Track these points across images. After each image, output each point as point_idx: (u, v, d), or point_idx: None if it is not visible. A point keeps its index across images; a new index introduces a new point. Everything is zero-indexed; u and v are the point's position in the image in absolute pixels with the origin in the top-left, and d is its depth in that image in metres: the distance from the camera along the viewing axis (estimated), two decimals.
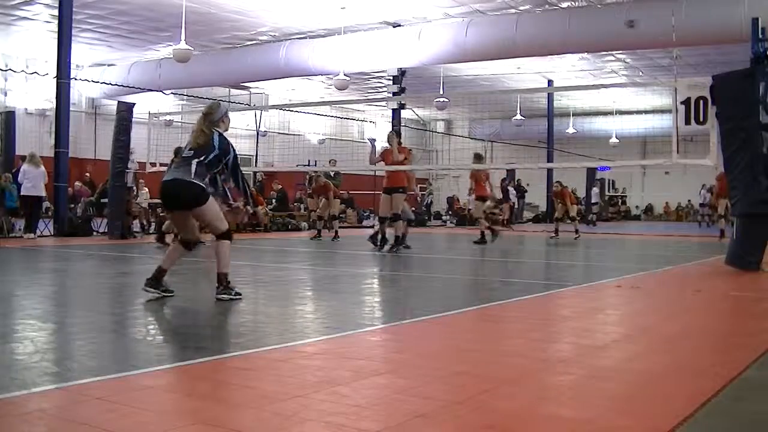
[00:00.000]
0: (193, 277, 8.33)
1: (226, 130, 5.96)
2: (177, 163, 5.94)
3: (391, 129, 12.67)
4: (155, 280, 5.74)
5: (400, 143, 11.76)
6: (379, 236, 11.47)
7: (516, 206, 25.50)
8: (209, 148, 5.69)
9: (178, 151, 10.10)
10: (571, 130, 29.52)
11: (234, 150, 5.89)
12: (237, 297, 5.74)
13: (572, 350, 4.15)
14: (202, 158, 5.64)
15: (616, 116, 30.34)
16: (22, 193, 13.25)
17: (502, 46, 16.49)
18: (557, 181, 17.82)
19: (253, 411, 2.76)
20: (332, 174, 18.05)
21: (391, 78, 20.79)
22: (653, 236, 15.87)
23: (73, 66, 16.27)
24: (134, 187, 14.61)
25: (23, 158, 13.90)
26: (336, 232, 14.84)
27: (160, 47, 21.06)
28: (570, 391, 3.21)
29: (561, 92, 28.03)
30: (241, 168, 6.09)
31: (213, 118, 5.84)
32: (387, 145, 11.61)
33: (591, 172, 28.81)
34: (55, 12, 15.38)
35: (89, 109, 24.25)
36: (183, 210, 5.73)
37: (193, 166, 5.58)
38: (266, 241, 14.39)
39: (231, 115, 6.19)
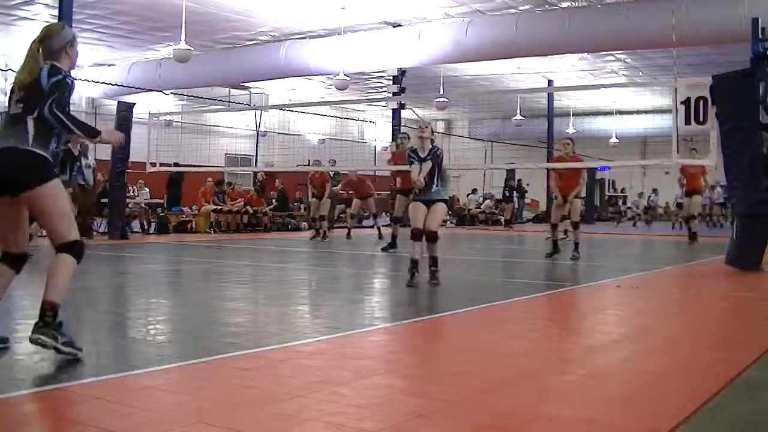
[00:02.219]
0: (192, 277, 8.33)
1: (72, 67, 3.94)
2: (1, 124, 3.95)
3: (402, 132, 12.73)
4: (44, 321, 3.55)
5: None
6: (392, 237, 11.48)
7: (516, 206, 25.50)
8: (39, 92, 3.68)
9: None
10: (571, 130, 29.49)
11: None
12: (65, 349, 3.50)
13: (572, 350, 4.15)
14: (36, 112, 3.65)
15: (616, 116, 30.32)
16: None
17: (502, 46, 16.48)
18: None
19: (253, 411, 2.76)
20: (332, 174, 18.03)
21: (391, 78, 20.77)
22: (653, 236, 15.88)
23: None
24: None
25: None
26: (324, 232, 14.73)
27: (160, 47, 21.05)
28: (570, 391, 3.21)
29: (561, 92, 28.00)
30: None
31: (52, 44, 3.85)
32: (393, 147, 11.71)
33: (591, 171, 28.79)
34: (55, 12, 15.36)
35: (89, 109, 24.24)
36: (11, 197, 3.64)
37: (30, 126, 3.67)
38: (266, 241, 14.39)
39: (231, 115, 5.93)
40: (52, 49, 3.85)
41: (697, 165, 12.54)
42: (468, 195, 26.70)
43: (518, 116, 26.90)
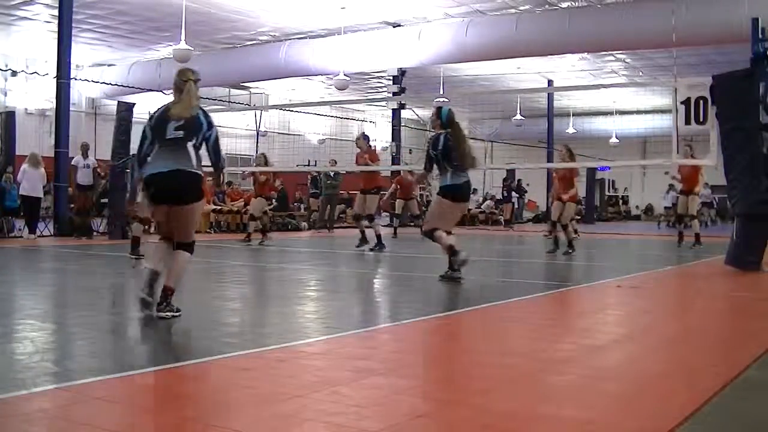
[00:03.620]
0: (192, 277, 8.33)
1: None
2: (166, 148, 4.77)
3: (361, 132, 12.88)
4: (166, 302, 4.70)
5: (370, 147, 12.09)
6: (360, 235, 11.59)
7: (516, 206, 25.50)
8: (199, 125, 4.81)
9: None
10: (571, 130, 29.51)
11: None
12: (178, 314, 4.69)
13: (572, 350, 4.15)
14: (194, 140, 4.74)
15: (616, 116, 30.33)
16: (20, 193, 13.24)
17: (502, 46, 16.48)
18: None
19: (253, 411, 2.76)
20: (332, 174, 18.02)
21: (391, 78, 20.78)
22: (653, 236, 15.89)
23: (73, 66, 16.26)
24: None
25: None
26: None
27: (160, 47, 21.06)
28: (570, 391, 3.21)
29: (561, 92, 28.01)
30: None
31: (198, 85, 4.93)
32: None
33: (591, 172, 28.79)
34: (55, 12, 15.37)
35: (89, 109, 24.24)
36: (169, 206, 4.73)
37: (192, 152, 4.73)
38: (266, 241, 14.38)
39: (231, 115, 6.00)
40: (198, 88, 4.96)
41: (693, 164, 12.54)
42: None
43: (518, 116, 26.90)
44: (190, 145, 4.73)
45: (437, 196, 7.23)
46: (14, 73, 20.51)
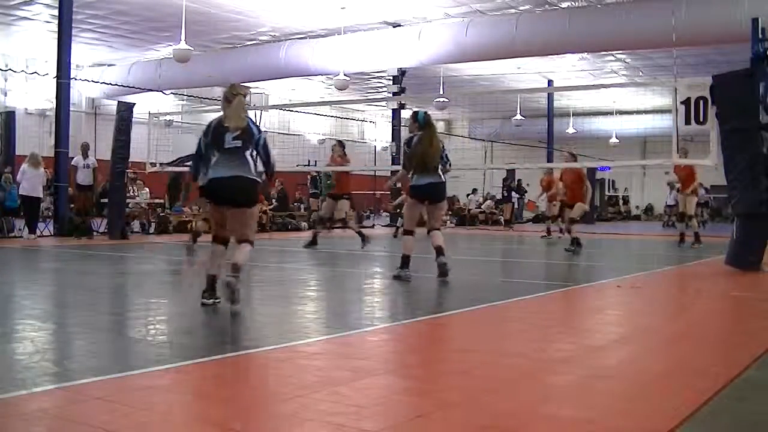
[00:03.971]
0: (192, 277, 8.33)
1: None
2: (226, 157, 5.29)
3: (336, 141, 13.07)
4: (211, 290, 5.35)
5: (344, 154, 12.40)
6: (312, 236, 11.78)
7: (516, 206, 25.50)
8: (251, 134, 5.39)
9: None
10: (571, 130, 29.51)
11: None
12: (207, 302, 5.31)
13: (572, 350, 4.15)
14: (250, 148, 5.34)
15: (616, 116, 30.34)
16: (20, 193, 13.24)
17: (502, 46, 16.49)
18: (549, 170, 17.66)
19: (253, 411, 2.76)
20: (330, 174, 17.98)
21: (391, 78, 20.78)
22: (653, 236, 15.89)
23: (73, 66, 16.26)
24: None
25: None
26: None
27: (160, 47, 21.07)
28: (570, 391, 3.21)
29: (561, 92, 28.02)
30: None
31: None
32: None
33: (591, 172, 28.78)
34: (55, 12, 15.37)
35: (89, 109, 24.24)
36: (229, 208, 5.31)
37: (249, 160, 5.31)
38: (266, 241, 14.39)
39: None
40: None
41: (690, 165, 12.66)
42: (468, 195, 26.70)
43: (518, 116, 26.90)
44: (247, 153, 5.28)
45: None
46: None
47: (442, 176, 7.31)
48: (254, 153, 5.35)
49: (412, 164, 7.19)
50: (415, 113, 7.46)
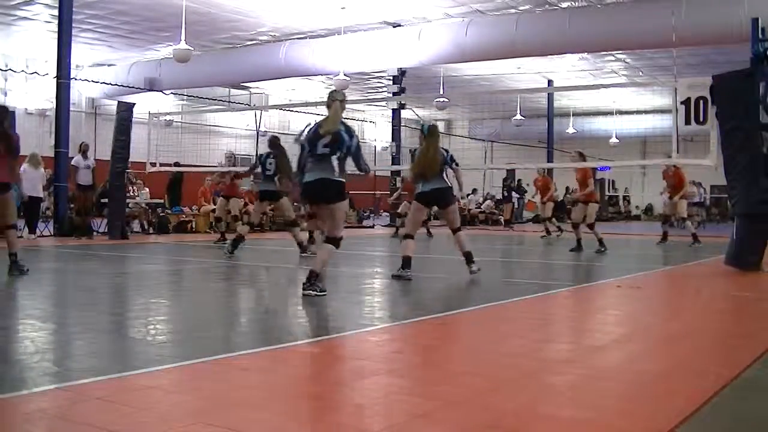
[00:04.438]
0: (192, 277, 8.33)
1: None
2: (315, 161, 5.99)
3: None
4: (310, 282, 5.84)
5: None
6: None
7: (516, 206, 25.52)
8: (341, 140, 5.94)
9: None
10: (571, 130, 29.51)
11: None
12: (322, 294, 5.84)
13: (572, 350, 4.15)
14: (338, 154, 5.93)
15: (616, 116, 30.32)
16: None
17: (502, 46, 16.48)
18: (543, 171, 17.78)
19: (253, 411, 2.76)
20: None
21: (391, 78, 20.78)
22: (654, 236, 15.88)
23: (73, 66, 16.26)
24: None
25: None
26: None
27: (160, 47, 21.06)
28: (570, 391, 3.21)
29: (561, 92, 28.01)
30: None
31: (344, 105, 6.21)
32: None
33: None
34: (55, 12, 15.37)
35: (89, 109, 24.24)
36: (322, 205, 6.10)
37: (335, 164, 5.91)
38: (266, 241, 14.39)
39: (231, 115, 6.23)
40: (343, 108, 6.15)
41: (678, 171, 12.96)
42: (468, 195, 26.70)
43: (518, 116, 26.90)
44: (333, 158, 5.91)
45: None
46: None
47: (448, 180, 7.62)
48: (341, 157, 5.95)
49: (413, 173, 7.64)
50: (422, 126, 7.88)
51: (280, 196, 10.28)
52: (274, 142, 10.58)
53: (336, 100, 6.13)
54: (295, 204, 11.51)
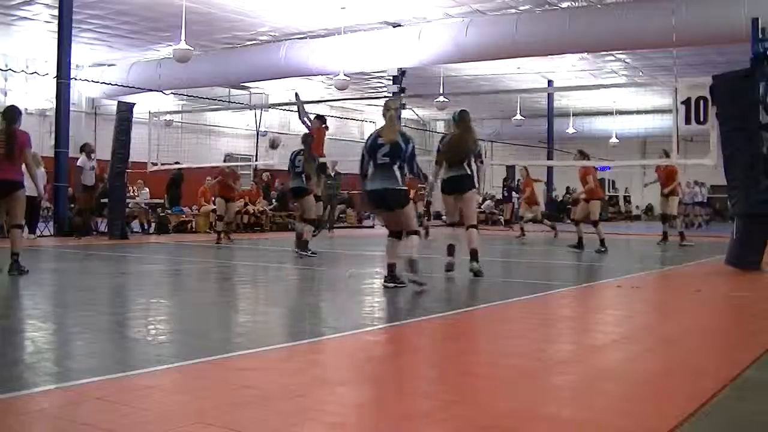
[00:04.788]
0: (192, 277, 8.33)
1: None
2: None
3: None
4: (391, 276, 6.41)
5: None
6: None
7: (516, 206, 25.51)
8: (400, 149, 6.31)
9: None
10: (571, 130, 29.50)
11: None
12: (423, 286, 6.30)
13: (572, 350, 4.15)
14: (397, 162, 6.29)
15: (616, 116, 30.32)
16: None
17: (502, 46, 16.48)
18: (524, 167, 17.76)
19: (253, 411, 2.76)
20: (332, 174, 18.00)
21: (391, 78, 20.77)
22: (653, 236, 15.87)
23: (73, 66, 16.26)
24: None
25: None
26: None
27: (160, 47, 21.05)
28: (570, 391, 3.21)
29: (561, 92, 28.01)
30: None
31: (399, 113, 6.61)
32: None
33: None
34: (55, 12, 15.37)
35: (89, 109, 24.23)
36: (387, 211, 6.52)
37: (397, 172, 6.29)
38: (266, 241, 14.40)
39: (231, 115, 6.26)
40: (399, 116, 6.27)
41: (671, 166, 13.00)
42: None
43: (518, 116, 26.89)
44: (395, 167, 6.26)
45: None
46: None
47: (468, 169, 7.59)
48: (401, 165, 6.30)
49: (440, 157, 7.73)
50: (453, 114, 7.98)
51: (308, 193, 10.27)
52: (305, 139, 10.62)
53: (390, 109, 6.43)
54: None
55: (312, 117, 11.27)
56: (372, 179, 6.34)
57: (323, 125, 11.45)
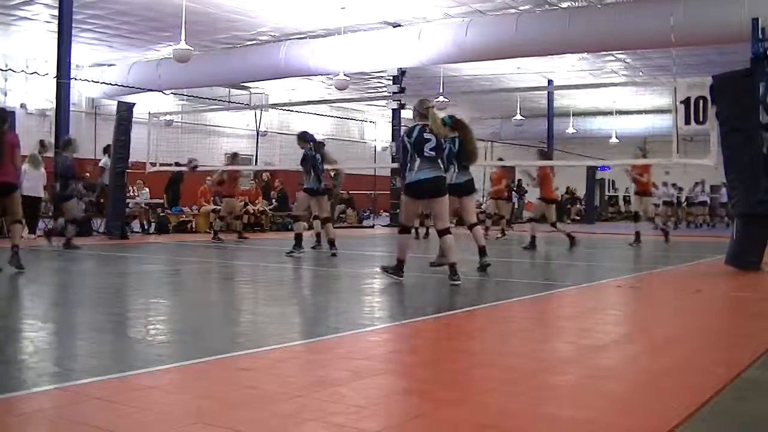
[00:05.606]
0: (192, 277, 8.33)
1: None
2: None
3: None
4: (398, 269, 6.96)
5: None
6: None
7: (516, 206, 25.49)
8: (441, 145, 6.95)
9: None
10: (571, 130, 29.50)
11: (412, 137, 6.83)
12: (395, 277, 6.93)
13: (572, 350, 4.15)
14: (441, 155, 6.96)
15: (616, 116, 30.32)
16: (21, 193, 13.23)
17: (502, 46, 16.47)
18: (500, 159, 17.70)
19: (253, 411, 2.76)
20: (332, 174, 18.00)
21: (391, 78, 20.77)
22: (653, 236, 15.87)
23: (73, 66, 16.24)
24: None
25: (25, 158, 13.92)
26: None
27: (160, 47, 21.04)
28: (570, 391, 3.21)
29: (561, 92, 28.00)
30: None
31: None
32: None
33: (591, 171, 28.77)
34: (55, 12, 15.36)
35: (89, 109, 24.23)
36: (426, 199, 6.97)
37: (440, 164, 6.95)
38: (266, 241, 14.40)
39: (231, 115, 6.30)
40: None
41: (643, 165, 13.17)
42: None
43: (518, 116, 26.88)
44: (439, 160, 6.88)
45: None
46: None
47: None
48: (442, 158, 6.99)
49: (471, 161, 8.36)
50: (444, 119, 8.11)
51: (325, 192, 10.77)
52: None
53: (430, 107, 6.95)
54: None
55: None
56: (420, 170, 6.73)
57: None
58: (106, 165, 14.23)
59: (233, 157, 14.57)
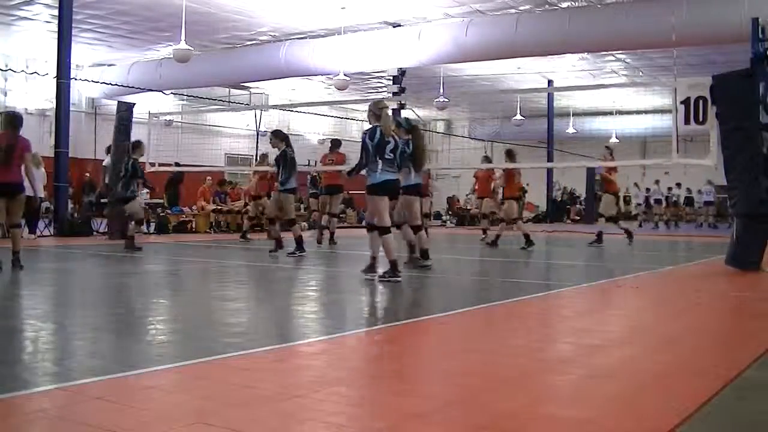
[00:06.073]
0: (192, 277, 8.33)
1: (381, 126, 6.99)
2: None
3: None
4: (392, 270, 7.02)
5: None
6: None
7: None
8: (397, 146, 7.18)
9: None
10: (571, 130, 29.50)
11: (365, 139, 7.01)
12: (395, 279, 6.92)
13: (572, 350, 4.15)
14: (398, 159, 7.21)
15: (616, 116, 30.31)
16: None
17: (502, 46, 16.48)
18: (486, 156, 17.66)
19: (253, 411, 2.76)
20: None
21: (391, 78, 20.77)
22: (653, 236, 15.85)
23: (73, 66, 16.26)
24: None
25: None
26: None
27: (160, 47, 21.05)
28: (570, 391, 3.21)
29: (561, 92, 28.00)
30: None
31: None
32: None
33: (591, 172, 28.75)
34: (55, 12, 15.37)
35: (89, 109, 24.23)
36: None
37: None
38: (266, 241, 14.39)
39: (231, 115, 6.33)
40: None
41: (609, 166, 13.32)
42: (468, 195, 26.68)
43: (518, 116, 26.89)
44: (395, 162, 7.06)
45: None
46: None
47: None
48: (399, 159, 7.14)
49: (420, 165, 8.23)
50: (406, 120, 8.41)
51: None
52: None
53: (384, 108, 7.02)
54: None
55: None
56: (384, 171, 6.94)
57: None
58: (109, 165, 14.29)
59: (263, 159, 14.69)
